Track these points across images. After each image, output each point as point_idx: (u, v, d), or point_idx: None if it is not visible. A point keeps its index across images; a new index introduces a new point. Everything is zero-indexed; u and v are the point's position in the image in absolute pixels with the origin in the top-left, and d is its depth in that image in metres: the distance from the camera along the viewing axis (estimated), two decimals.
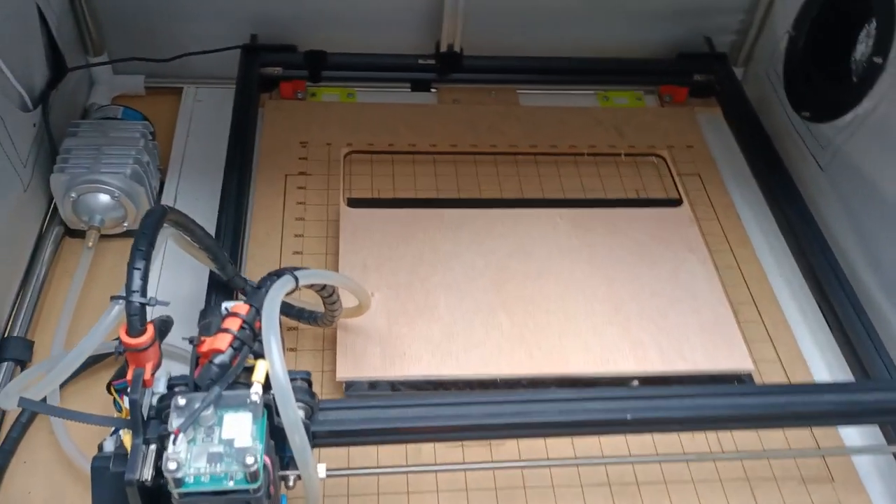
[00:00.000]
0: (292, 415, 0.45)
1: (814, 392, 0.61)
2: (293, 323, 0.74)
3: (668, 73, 1.05)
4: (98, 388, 0.70)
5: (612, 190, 0.93)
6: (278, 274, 0.51)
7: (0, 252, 0.74)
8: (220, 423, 0.45)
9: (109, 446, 0.52)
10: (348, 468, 0.64)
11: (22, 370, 0.73)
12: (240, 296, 0.71)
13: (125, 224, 0.82)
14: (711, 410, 0.57)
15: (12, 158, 0.74)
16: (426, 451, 0.67)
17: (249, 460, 0.43)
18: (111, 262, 0.82)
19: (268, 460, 0.45)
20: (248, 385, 0.46)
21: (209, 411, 0.44)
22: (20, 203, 0.77)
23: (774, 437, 0.70)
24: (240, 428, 0.44)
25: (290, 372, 0.52)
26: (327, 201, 0.88)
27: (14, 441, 0.67)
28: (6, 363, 0.72)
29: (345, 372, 0.69)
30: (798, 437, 0.71)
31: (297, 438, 0.45)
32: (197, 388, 0.46)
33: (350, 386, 0.69)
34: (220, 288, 0.71)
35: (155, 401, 0.51)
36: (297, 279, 0.51)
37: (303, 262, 0.82)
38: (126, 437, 0.50)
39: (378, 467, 0.65)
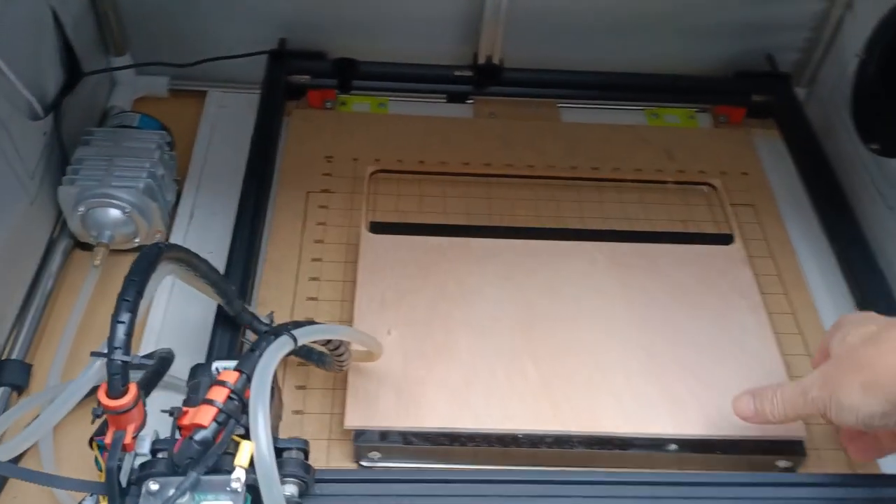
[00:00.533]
0: None
1: (880, 484, 0.54)
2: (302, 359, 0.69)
3: (724, 92, 0.98)
4: None
5: (658, 220, 0.86)
6: (276, 332, 0.46)
7: (2, 269, 0.70)
8: None
9: None
10: None
11: (19, 396, 0.70)
12: (246, 334, 0.67)
13: (136, 240, 0.78)
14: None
15: (18, 171, 0.70)
16: None
17: None
18: (121, 279, 0.77)
19: None
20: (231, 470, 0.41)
21: (184, 499, 0.39)
22: (26, 217, 0.73)
23: None
24: None
25: (283, 440, 0.48)
26: (349, 223, 0.82)
27: (3, 477, 0.63)
28: (2, 388, 0.68)
29: (354, 420, 0.64)
30: None
31: None
32: (176, 468, 0.41)
33: (360, 435, 0.64)
34: (228, 321, 0.67)
35: (138, 463, 0.47)
36: (295, 340, 0.46)
37: (319, 289, 0.77)
38: (103, 502, 0.46)
39: None
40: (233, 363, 0.46)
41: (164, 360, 0.62)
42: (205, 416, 0.41)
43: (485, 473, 0.55)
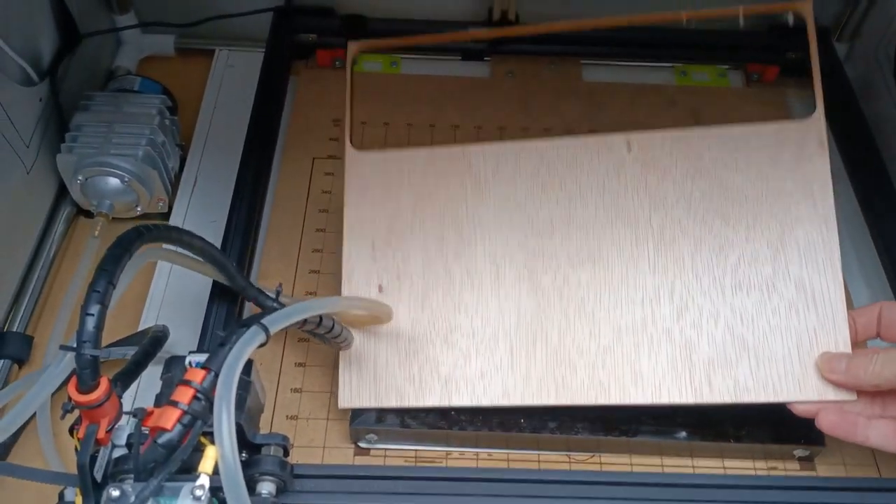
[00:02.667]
0: None
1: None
2: (302, 334, 0.67)
3: (757, 49, 0.91)
4: None
5: None
6: (246, 323, 0.44)
7: (1, 240, 0.69)
8: None
9: (71, 496, 0.47)
10: None
11: (20, 369, 0.69)
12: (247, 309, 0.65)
13: (138, 208, 0.77)
14: None
15: (12, 140, 0.69)
16: None
17: None
18: None
19: None
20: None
21: None
22: (24, 186, 0.72)
23: None
24: None
25: (262, 436, 0.46)
26: None
27: (2, 456, 0.63)
28: (2, 361, 0.68)
29: (347, 400, 0.60)
30: None
31: None
32: (140, 472, 0.40)
33: (356, 418, 0.62)
34: (224, 296, 0.66)
35: (116, 454, 0.45)
36: (267, 330, 0.43)
37: (322, 261, 0.74)
38: (79, 497, 0.45)
39: None
40: (206, 357, 0.44)
41: (156, 340, 0.61)
42: (168, 418, 0.39)
43: (468, 471, 0.53)
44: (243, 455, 0.46)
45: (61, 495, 0.47)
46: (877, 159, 0.79)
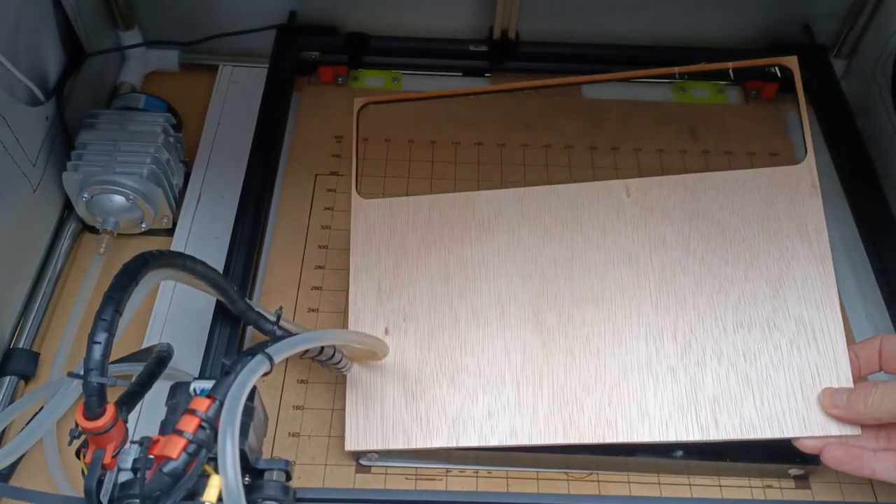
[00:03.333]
0: None
1: None
2: None
3: (756, 66, 0.92)
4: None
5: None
6: (251, 352, 0.45)
7: (7, 257, 0.70)
8: None
9: None
10: None
11: (26, 385, 0.70)
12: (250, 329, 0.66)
13: (143, 225, 0.78)
14: None
15: (19, 160, 0.70)
16: None
17: None
18: None
19: None
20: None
21: None
22: (29, 204, 0.73)
23: None
24: None
25: (265, 461, 0.47)
26: None
27: (9, 470, 0.64)
28: (9, 378, 0.69)
29: (354, 442, 0.61)
30: None
31: None
32: (146, 500, 0.41)
33: (360, 458, 0.63)
34: (227, 316, 0.66)
35: (122, 478, 0.46)
36: (271, 360, 0.44)
37: (324, 278, 0.75)
38: None
39: None
40: (211, 384, 0.45)
41: (160, 360, 0.61)
42: (174, 447, 0.40)
43: (464, 495, 0.53)
44: (246, 479, 0.47)
45: None
46: (872, 178, 0.80)
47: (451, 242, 0.65)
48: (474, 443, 0.59)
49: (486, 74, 0.93)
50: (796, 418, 0.57)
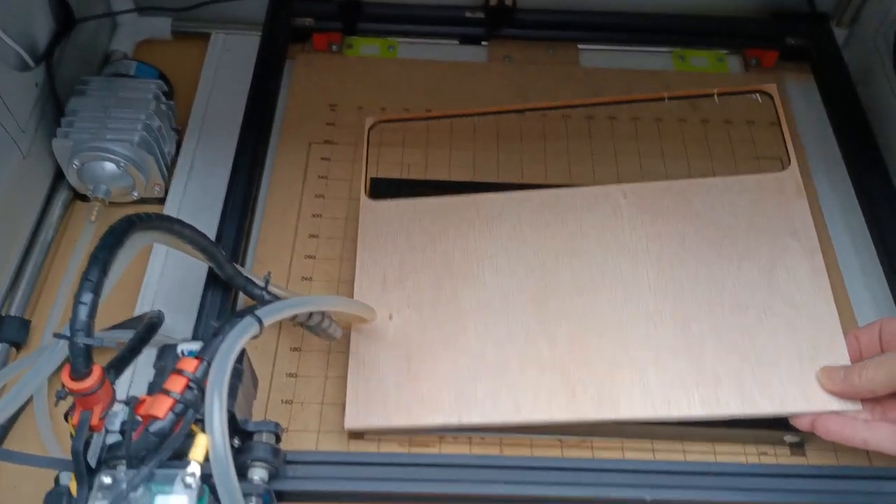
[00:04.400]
0: None
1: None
2: None
3: (756, 34, 0.91)
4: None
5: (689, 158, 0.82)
6: (241, 314, 0.44)
7: None
8: (152, 503, 0.39)
9: (66, 480, 0.48)
10: None
11: (17, 352, 0.70)
12: (242, 297, 0.65)
13: (135, 193, 0.77)
14: (747, 497, 0.48)
15: (8, 125, 0.69)
16: None
17: None
18: None
19: None
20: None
21: (139, 492, 0.38)
22: (20, 171, 0.72)
23: None
24: None
25: (255, 423, 0.47)
26: (352, 176, 0.80)
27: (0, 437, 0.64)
28: (1, 345, 0.68)
29: (354, 420, 0.60)
30: None
31: None
32: (132, 459, 0.40)
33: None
34: (219, 282, 0.66)
35: (110, 440, 0.46)
36: (260, 322, 0.44)
37: (318, 247, 0.75)
38: (73, 482, 0.45)
39: None
40: (199, 345, 0.44)
41: (150, 326, 0.61)
42: (161, 407, 0.40)
43: (456, 457, 0.53)
44: (235, 442, 0.47)
45: (57, 480, 0.48)
46: (873, 149, 0.79)
47: (455, 237, 0.68)
48: (477, 420, 0.59)
49: (483, 43, 0.92)
50: (798, 394, 0.58)
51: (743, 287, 0.63)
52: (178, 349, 0.45)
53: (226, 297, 0.65)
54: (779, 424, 0.62)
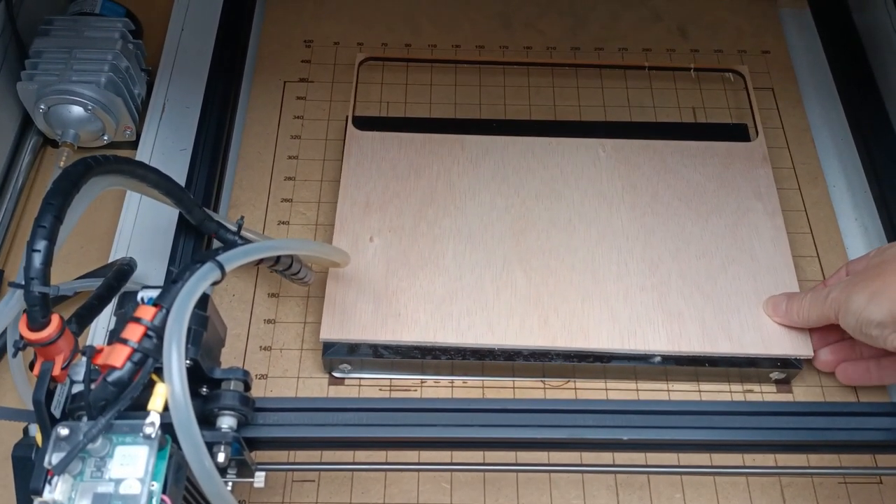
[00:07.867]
0: (201, 465, 0.37)
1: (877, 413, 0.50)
2: None
3: None
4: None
5: (668, 107, 0.79)
6: (202, 259, 0.42)
7: None
8: (112, 454, 0.38)
9: (34, 431, 0.47)
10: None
11: None
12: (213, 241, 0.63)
13: (105, 137, 0.74)
14: (731, 435, 0.47)
15: None
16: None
17: None
18: None
19: (168, 501, 0.38)
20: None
21: (98, 443, 0.37)
22: None
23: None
24: (133, 465, 0.37)
25: (222, 370, 0.45)
26: (329, 116, 0.77)
27: None
28: None
29: (330, 332, 0.60)
30: None
31: (210, 488, 0.38)
32: (91, 409, 0.39)
33: (329, 348, 0.61)
34: (192, 228, 0.64)
35: (75, 391, 0.45)
36: (222, 267, 0.42)
37: (294, 189, 0.73)
38: (38, 434, 0.44)
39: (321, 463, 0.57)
40: (159, 292, 0.43)
41: (120, 273, 0.59)
42: (118, 356, 0.39)
43: (428, 401, 0.52)
44: (203, 390, 0.45)
45: (26, 431, 0.47)
46: (867, 78, 0.76)
47: (439, 171, 0.69)
48: (451, 340, 0.60)
49: None
50: (756, 338, 0.61)
51: (709, 238, 0.66)
52: (139, 296, 0.43)
53: (199, 244, 0.63)
54: (765, 361, 0.61)
